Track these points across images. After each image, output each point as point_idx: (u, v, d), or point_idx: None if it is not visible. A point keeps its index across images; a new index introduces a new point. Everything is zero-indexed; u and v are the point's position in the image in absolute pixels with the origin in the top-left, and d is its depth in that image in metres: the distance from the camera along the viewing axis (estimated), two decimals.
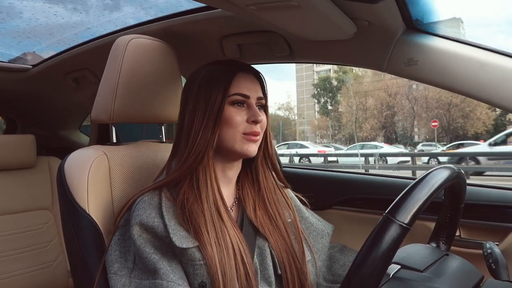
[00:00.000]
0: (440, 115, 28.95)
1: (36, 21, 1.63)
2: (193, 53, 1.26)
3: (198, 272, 0.75)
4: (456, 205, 0.77)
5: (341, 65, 1.15)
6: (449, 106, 28.37)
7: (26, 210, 1.78)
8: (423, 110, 30.44)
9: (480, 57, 0.85)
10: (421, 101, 30.74)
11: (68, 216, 0.89)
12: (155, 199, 0.79)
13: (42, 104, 2.07)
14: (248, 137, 0.82)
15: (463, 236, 1.11)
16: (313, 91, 42.36)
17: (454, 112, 28.42)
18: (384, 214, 0.57)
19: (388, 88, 32.51)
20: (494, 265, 0.71)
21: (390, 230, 0.55)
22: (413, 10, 0.88)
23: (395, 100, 32.41)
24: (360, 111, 34.78)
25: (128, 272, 0.77)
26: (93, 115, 1.00)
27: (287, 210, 0.93)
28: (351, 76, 36.55)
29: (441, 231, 0.80)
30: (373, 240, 0.56)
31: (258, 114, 0.83)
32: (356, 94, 35.01)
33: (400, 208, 0.57)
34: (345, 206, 1.32)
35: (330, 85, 40.14)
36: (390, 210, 0.57)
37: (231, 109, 0.82)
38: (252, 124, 0.83)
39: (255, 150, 0.84)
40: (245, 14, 0.84)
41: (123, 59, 0.95)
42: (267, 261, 0.84)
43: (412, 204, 0.57)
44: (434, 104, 29.46)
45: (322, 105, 41.68)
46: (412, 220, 0.56)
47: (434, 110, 29.37)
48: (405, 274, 0.65)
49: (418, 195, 0.58)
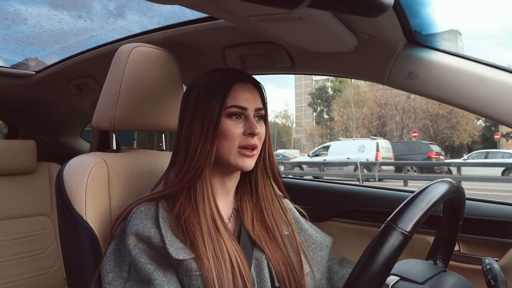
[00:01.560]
0: (428, 126, 29.61)
1: (41, 28, 1.64)
2: (195, 62, 1.27)
3: (194, 283, 0.74)
4: (454, 222, 0.77)
5: (342, 77, 1.15)
6: (436, 117, 29.14)
7: (24, 216, 1.77)
8: (411, 121, 31.24)
9: (480, 72, 0.85)
10: (409, 112, 31.63)
11: (65, 223, 0.88)
12: (152, 210, 0.78)
13: (44, 110, 2.08)
14: (244, 151, 0.81)
15: (463, 251, 1.10)
16: (310, 100, 43.05)
17: (441, 123, 29.14)
18: (386, 221, 0.58)
19: (377, 98, 33.42)
20: (493, 281, 0.70)
21: (392, 237, 0.56)
22: (412, 22, 0.88)
23: (385, 110, 33.25)
24: (350, 120, 35.44)
25: (122, 282, 0.76)
26: (94, 122, 1.00)
27: (284, 223, 0.92)
28: (345, 86, 37.27)
29: (439, 249, 0.80)
30: (374, 246, 0.56)
31: (255, 126, 0.81)
32: (347, 104, 35.76)
33: (402, 216, 0.58)
34: (344, 218, 1.31)
35: (326, 94, 40.88)
36: (392, 217, 0.58)
37: (228, 122, 0.81)
38: (249, 137, 0.81)
39: (250, 165, 0.83)
40: (247, 25, 0.84)
41: (125, 67, 0.96)
42: (264, 273, 0.83)
43: (414, 213, 0.58)
44: (421, 115, 30.22)
45: (318, 114, 42.31)
46: (414, 228, 0.57)
47: (422, 120, 30.15)
48: (404, 285, 0.65)
49: (420, 204, 0.59)
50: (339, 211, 1.32)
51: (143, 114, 1.00)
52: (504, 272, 0.72)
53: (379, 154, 12.88)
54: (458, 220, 0.76)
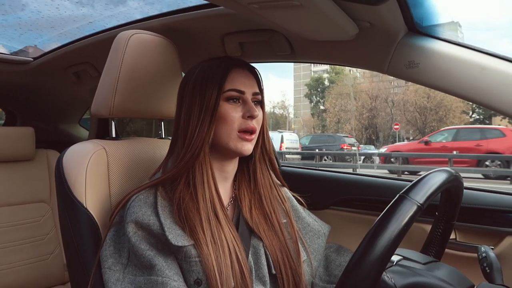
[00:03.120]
0: (416, 118, 30.84)
1: (39, 13, 1.63)
2: (195, 50, 1.26)
3: (193, 269, 0.75)
4: (448, 220, 0.79)
5: (342, 65, 1.15)
6: (425, 110, 30.23)
7: (23, 203, 1.78)
8: (400, 113, 32.40)
9: (480, 61, 0.85)
10: (399, 105, 32.79)
11: (65, 210, 0.89)
12: (151, 198, 0.79)
13: (42, 97, 2.07)
14: (243, 135, 0.82)
15: (459, 240, 1.11)
16: (306, 91, 43.37)
17: (429, 115, 30.18)
18: (399, 194, 0.60)
19: (369, 91, 34.43)
20: (489, 269, 0.71)
21: (404, 206, 0.58)
22: (413, 12, 0.88)
23: (376, 103, 34.26)
24: (342, 112, 36.36)
25: (122, 268, 0.77)
26: (93, 109, 1.00)
27: (282, 211, 0.93)
28: (341, 78, 37.72)
29: (431, 246, 0.82)
30: (386, 212, 0.58)
31: (254, 109, 0.82)
32: (340, 96, 36.60)
33: (415, 189, 0.60)
34: (342, 207, 1.32)
35: (322, 85, 41.26)
36: (406, 190, 0.60)
37: (226, 105, 0.82)
38: (248, 120, 0.82)
39: (250, 149, 0.84)
40: (247, 12, 0.84)
41: (124, 54, 0.95)
42: (261, 260, 0.84)
43: (427, 187, 0.61)
44: (410, 108, 31.27)
45: (314, 105, 42.62)
46: (426, 201, 0.59)
47: (410, 113, 31.25)
48: (408, 263, 0.67)
49: (433, 180, 0.63)
50: (337, 199, 1.33)
51: (142, 101, 1.00)
52: (499, 260, 0.73)
53: (283, 145, 15.24)
54: (452, 218, 0.78)
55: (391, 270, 0.63)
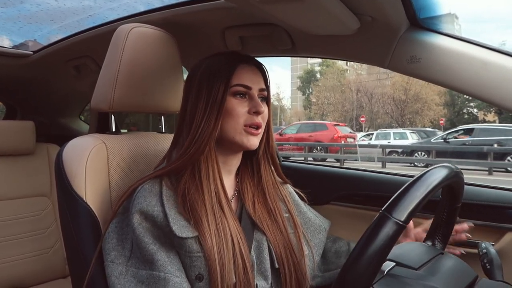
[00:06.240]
0: (393, 111, 33.44)
1: (38, 6, 1.61)
2: (195, 44, 1.25)
3: (195, 264, 0.75)
4: (453, 204, 0.77)
5: (343, 60, 1.14)
6: (401, 103, 32.94)
7: (24, 196, 1.78)
8: (379, 106, 35.03)
9: (482, 57, 0.84)
10: (378, 98, 35.21)
11: (65, 204, 0.89)
12: (156, 187, 0.79)
13: (42, 91, 2.06)
14: (249, 130, 0.82)
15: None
16: (299, 84, 44.73)
17: (405, 108, 32.75)
18: (381, 211, 0.58)
19: (351, 84, 36.86)
20: (489, 265, 0.71)
21: (385, 227, 0.55)
22: (415, 4, 0.87)
23: (357, 96, 36.40)
24: (326, 105, 38.53)
25: (125, 261, 0.77)
26: (93, 103, 0.99)
27: (284, 205, 0.93)
28: (330, 71, 39.27)
29: (437, 230, 0.81)
30: (368, 236, 0.56)
31: (260, 105, 0.83)
32: (325, 89, 38.71)
33: (396, 206, 0.57)
34: (342, 202, 1.32)
35: (314, 78, 42.61)
36: (387, 207, 0.57)
37: (233, 100, 0.82)
38: (254, 115, 0.82)
39: (256, 144, 0.84)
40: (248, 6, 0.83)
41: (124, 48, 0.95)
42: (264, 255, 0.84)
43: (409, 202, 0.57)
44: (387, 101, 34.02)
45: (306, 98, 43.66)
46: (408, 218, 0.56)
47: (388, 106, 34.09)
48: (399, 272, 0.65)
49: (416, 193, 0.58)
50: (338, 195, 1.33)
51: (142, 95, 1.00)
52: (499, 256, 0.73)
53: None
54: (456, 202, 0.77)
55: (379, 283, 0.62)
